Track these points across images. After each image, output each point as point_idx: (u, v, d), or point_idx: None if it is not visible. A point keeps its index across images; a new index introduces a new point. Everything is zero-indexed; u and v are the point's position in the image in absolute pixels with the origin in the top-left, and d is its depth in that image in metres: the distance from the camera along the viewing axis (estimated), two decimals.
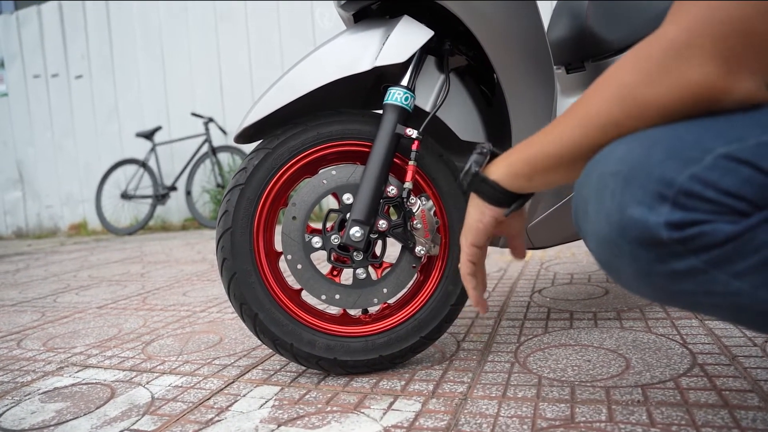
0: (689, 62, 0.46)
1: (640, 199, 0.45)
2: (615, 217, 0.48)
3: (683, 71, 0.46)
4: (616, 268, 0.51)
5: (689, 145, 0.45)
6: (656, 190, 0.44)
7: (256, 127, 1.08)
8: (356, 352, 1.05)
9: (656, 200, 0.44)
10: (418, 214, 1.02)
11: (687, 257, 0.44)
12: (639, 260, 0.47)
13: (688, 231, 0.43)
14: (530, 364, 1.06)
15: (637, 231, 0.46)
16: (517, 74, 1.06)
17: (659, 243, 0.45)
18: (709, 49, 0.45)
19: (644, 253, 0.46)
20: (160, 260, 3.11)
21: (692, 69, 0.46)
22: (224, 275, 1.03)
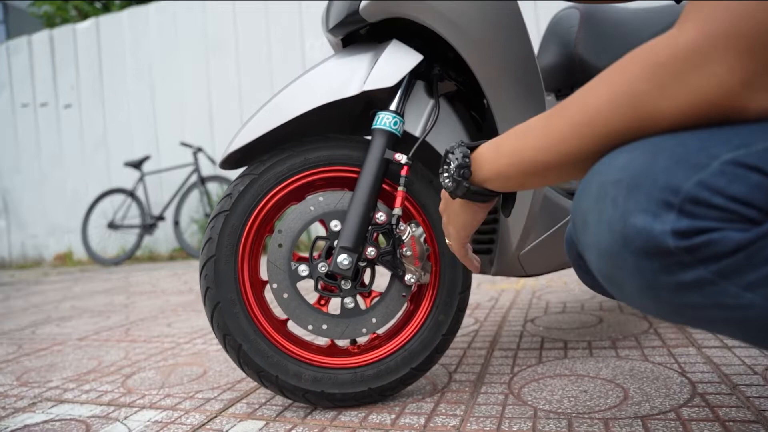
0: (708, 72, 0.44)
1: (645, 207, 0.43)
2: (617, 226, 0.45)
3: (701, 82, 0.44)
4: (619, 281, 0.48)
5: (695, 151, 0.43)
6: (661, 198, 0.42)
7: (243, 152, 1.06)
8: (344, 385, 1.01)
9: (662, 208, 0.42)
10: (408, 241, 1.00)
11: (695, 267, 0.42)
12: (643, 272, 0.44)
13: (696, 239, 0.41)
14: (525, 395, 1.02)
15: (641, 240, 0.43)
16: (507, 99, 1.06)
17: (665, 252, 0.42)
18: (732, 59, 0.42)
19: (649, 264, 0.43)
20: (145, 291, 3.04)
21: (711, 80, 0.44)
22: (207, 305, 0.99)
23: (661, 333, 1.35)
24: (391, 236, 1.01)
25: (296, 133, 1.08)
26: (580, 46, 1.48)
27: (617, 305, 1.72)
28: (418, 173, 1.08)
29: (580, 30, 1.49)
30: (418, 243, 1.00)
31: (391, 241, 1.01)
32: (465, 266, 1.08)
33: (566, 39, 1.51)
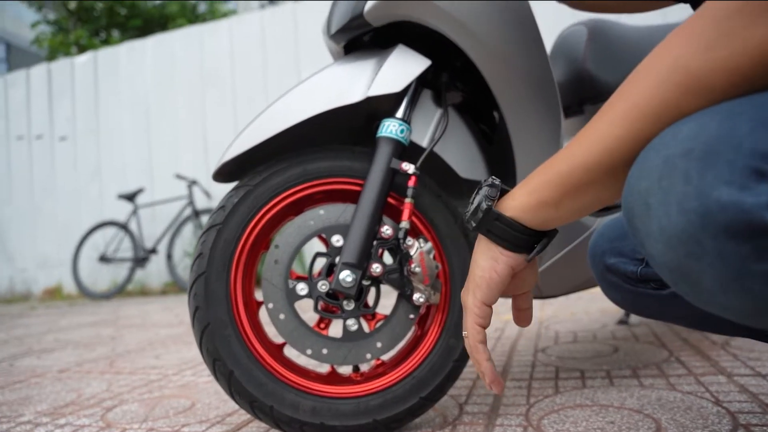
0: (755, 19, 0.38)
1: (728, 179, 0.35)
2: (692, 204, 0.37)
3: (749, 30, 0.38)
4: (694, 274, 0.40)
5: None
6: (750, 166, 0.35)
7: (238, 163, 0.99)
8: (346, 416, 0.91)
9: (751, 178, 0.35)
10: (416, 257, 0.92)
11: None
12: (729, 258, 0.36)
13: None
14: (545, 427, 0.92)
15: (726, 218, 0.35)
16: (521, 107, 1.00)
17: (760, 231, 0.34)
18: None
19: (736, 248, 0.36)
20: (134, 324, 2.92)
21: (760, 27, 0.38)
22: (196, 326, 0.90)
23: (685, 361, 1.26)
24: (398, 252, 0.93)
25: (294, 146, 1.01)
26: (589, 61, 1.44)
27: (632, 334, 1.63)
28: (426, 187, 1.01)
29: (588, 46, 1.45)
30: (426, 259, 0.92)
31: (397, 257, 0.93)
32: None
33: (574, 55, 1.47)
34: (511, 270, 0.59)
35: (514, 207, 0.58)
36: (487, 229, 0.59)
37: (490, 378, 0.59)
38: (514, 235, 0.58)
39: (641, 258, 0.78)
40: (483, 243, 0.60)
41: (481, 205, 0.59)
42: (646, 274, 0.76)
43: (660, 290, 0.77)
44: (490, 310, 0.60)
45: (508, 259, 0.58)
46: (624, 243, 0.80)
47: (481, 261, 0.60)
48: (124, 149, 5.78)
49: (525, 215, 0.57)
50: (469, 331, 0.60)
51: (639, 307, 0.83)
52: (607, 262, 0.81)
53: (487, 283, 0.59)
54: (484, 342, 0.60)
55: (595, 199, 0.54)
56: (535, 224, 0.57)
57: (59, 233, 5.98)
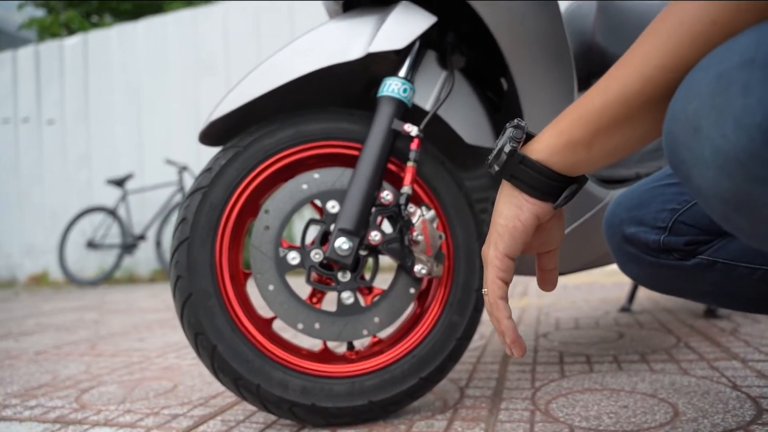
0: None
1: None
2: (755, 117, 0.31)
3: None
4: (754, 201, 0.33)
5: None
6: None
7: (226, 124, 0.91)
8: (340, 397, 0.84)
9: None
10: (419, 225, 0.85)
11: None
12: None
13: None
14: (554, 411, 0.86)
15: None
16: (534, 74, 0.93)
17: None
18: None
19: None
20: (120, 309, 2.83)
21: None
22: (177, 297, 0.82)
23: (695, 347, 1.20)
24: (399, 219, 0.86)
25: (287, 110, 0.93)
26: (598, 35, 1.37)
27: (635, 321, 1.57)
28: (428, 153, 0.94)
29: (597, 19, 1.38)
30: (429, 228, 0.85)
31: (398, 225, 0.86)
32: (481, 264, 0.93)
33: (583, 28, 1.40)
34: (537, 219, 0.52)
35: (541, 149, 0.51)
36: (510, 173, 0.52)
37: (511, 338, 0.52)
38: (540, 180, 0.51)
39: (663, 226, 0.71)
40: (506, 190, 0.54)
41: (505, 147, 0.52)
42: (669, 243, 0.70)
43: (683, 261, 0.70)
44: (513, 263, 0.53)
45: (534, 206, 0.52)
46: (645, 211, 0.74)
47: (504, 209, 0.53)
48: (114, 134, 5.66)
49: (553, 158, 0.50)
50: (489, 286, 0.54)
51: (659, 282, 0.76)
52: (626, 231, 0.74)
53: (510, 232, 0.52)
54: (505, 298, 0.53)
55: (630, 138, 0.47)
56: (564, 168, 0.50)
57: (46, 220, 5.85)
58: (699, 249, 0.69)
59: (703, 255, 0.69)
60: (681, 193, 0.72)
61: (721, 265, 0.68)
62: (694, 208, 0.71)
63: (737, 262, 0.68)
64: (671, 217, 0.71)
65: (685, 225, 0.70)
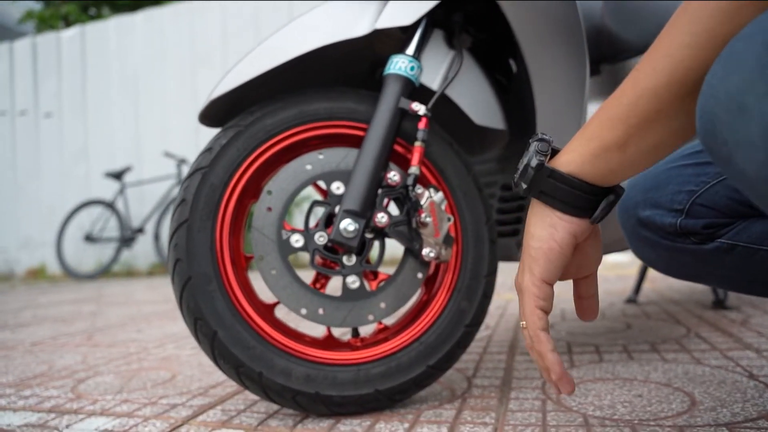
0: None
1: None
2: None
3: None
4: None
5: None
6: None
7: (227, 104, 0.88)
8: (345, 385, 0.81)
9: None
10: (427, 207, 0.82)
11: None
12: None
13: None
14: (567, 400, 0.83)
15: None
16: (546, 56, 0.90)
17: None
18: None
19: None
20: (118, 301, 2.80)
21: None
22: (176, 281, 0.79)
23: (706, 337, 1.18)
24: (406, 201, 0.82)
25: (290, 90, 0.90)
26: (608, 18, 1.34)
27: (642, 312, 1.54)
28: (436, 134, 0.91)
29: (606, 2, 1.35)
30: (438, 210, 0.82)
31: (405, 207, 0.83)
32: (491, 248, 0.90)
33: (591, 11, 1.36)
34: (574, 238, 0.48)
35: (571, 160, 0.47)
36: (540, 190, 0.48)
37: (557, 374, 0.47)
38: (573, 194, 0.47)
39: (680, 209, 0.68)
40: (537, 209, 0.49)
41: (531, 161, 0.48)
42: (686, 226, 0.67)
43: (701, 245, 0.67)
44: (552, 290, 0.49)
45: (568, 224, 0.48)
46: (660, 193, 0.71)
47: (537, 230, 0.49)
48: (112, 127, 5.61)
49: (585, 167, 0.46)
50: (528, 317, 0.49)
51: (675, 267, 0.73)
52: (641, 215, 0.71)
53: (546, 255, 0.48)
54: (547, 330, 0.48)
55: (666, 134, 0.44)
56: (598, 177, 0.46)
57: (43, 213, 5.81)
58: (718, 232, 0.66)
59: (722, 238, 0.66)
60: (699, 174, 0.69)
61: (741, 249, 0.65)
62: (712, 190, 0.68)
63: (759, 246, 0.65)
64: (688, 199, 0.68)
65: (703, 207, 0.66)
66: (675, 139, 0.44)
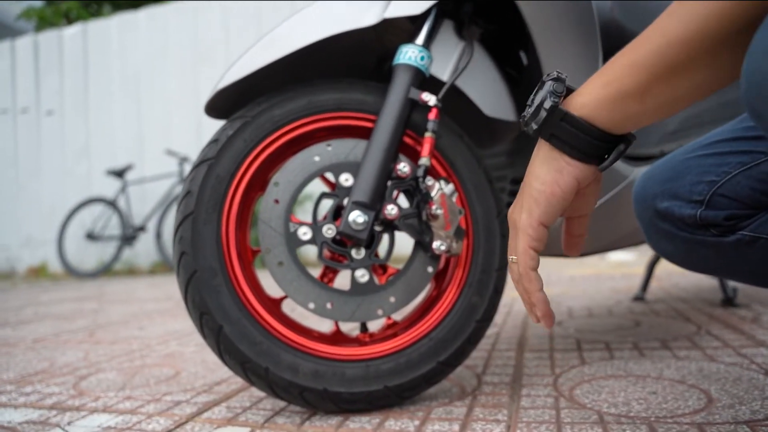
0: None
1: None
2: None
3: None
4: None
5: None
6: None
7: (233, 95, 0.87)
8: (353, 382, 0.79)
9: None
10: (437, 199, 0.80)
11: None
12: None
13: None
14: (580, 397, 0.81)
15: None
16: (559, 48, 0.89)
17: None
18: None
19: None
20: (119, 299, 2.79)
21: None
22: (181, 274, 0.78)
23: (717, 334, 1.16)
24: (416, 193, 0.81)
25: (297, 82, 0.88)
26: (617, 11, 1.32)
27: (650, 310, 1.52)
28: (446, 126, 0.89)
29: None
30: (449, 203, 0.81)
31: (415, 200, 0.81)
32: (502, 242, 0.88)
33: (601, 7, 1.35)
34: (577, 184, 0.48)
35: (585, 104, 0.46)
36: (550, 133, 0.47)
37: (542, 310, 0.49)
38: (584, 140, 0.46)
39: (700, 200, 0.66)
40: (544, 151, 0.48)
41: (545, 102, 0.47)
42: (707, 217, 0.65)
43: (722, 237, 0.65)
44: (547, 232, 0.49)
45: (575, 169, 0.47)
46: (679, 183, 0.69)
47: (541, 172, 0.48)
48: (113, 125, 5.60)
49: (600, 112, 0.45)
50: (520, 255, 0.49)
51: (695, 260, 0.71)
52: (659, 206, 0.69)
53: (548, 198, 0.47)
54: (536, 269, 0.49)
55: (689, 87, 0.42)
56: (611, 124, 0.45)
57: (44, 212, 5.80)
58: (740, 224, 0.64)
59: (744, 230, 0.64)
60: (720, 164, 0.67)
61: (764, 242, 0.63)
62: (734, 180, 0.66)
63: None
64: (709, 190, 0.66)
65: (724, 198, 0.65)
66: (695, 93, 0.43)
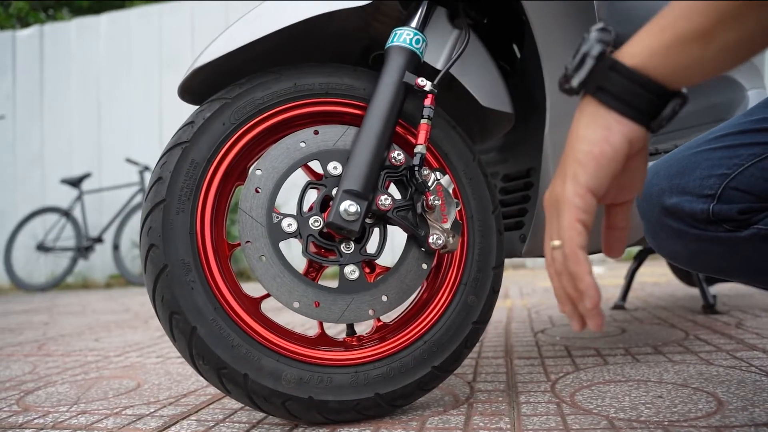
0: None
1: None
2: None
3: None
4: None
5: None
6: None
7: (211, 75, 0.79)
8: (342, 389, 0.71)
9: None
10: (434, 190, 0.74)
11: None
12: None
13: None
14: (583, 403, 0.76)
15: None
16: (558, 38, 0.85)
17: None
18: None
19: None
20: (73, 311, 2.61)
21: None
22: (149, 269, 0.69)
23: (706, 339, 1.13)
24: (410, 184, 0.75)
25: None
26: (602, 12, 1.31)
27: (633, 318, 1.50)
28: (439, 116, 0.84)
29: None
30: (446, 194, 0.75)
31: (409, 191, 0.75)
32: (499, 238, 0.83)
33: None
34: (629, 146, 0.41)
35: (638, 53, 0.40)
36: (598, 85, 0.41)
37: (593, 300, 0.40)
38: (635, 93, 0.40)
39: (711, 194, 0.62)
40: (590, 108, 0.42)
41: (592, 50, 0.42)
42: (720, 212, 0.61)
43: (735, 232, 0.62)
44: (596, 203, 0.42)
45: (625, 128, 0.41)
46: (688, 178, 0.65)
47: (587, 132, 0.42)
48: (70, 131, 5.35)
49: (655, 61, 0.40)
50: (565, 232, 0.41)
51: (702, 259, 0.67)
52: (667, 203, 0.65)
53: (597, 160, 0.41)
54: (585, 249, 0.41)
55: (755, 32, 0.37)
56: (667, 74, 0.40)
57: None
58: (754, 218, 0.61)
59: (758, 224, 0.61)
60: (730, 157, 0.64)
61: None
62: (747, 172, 0.62)
63: None
64: (721, 183, 0.62)
65: (737, 191, 0.61)
66: (763, 37, 0.38)
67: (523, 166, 1.00)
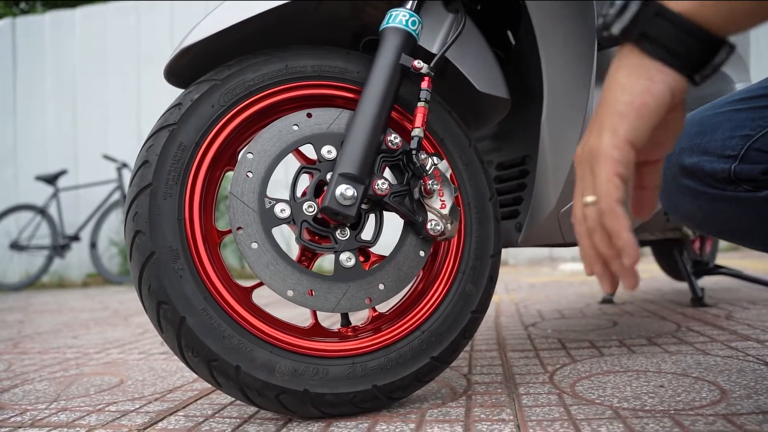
0: None
1: None
2: None
3: None
4: None
5: None
6: None
7: (198, 57, 0.76)
8: (338, 382, 0.69)
9: None
10: (432, 175, 0.72)
11: None
12: None
13: None
14: (584, 394, 0.74)
15: None
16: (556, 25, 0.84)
17: None
18: None
19: None
20: (49, 309, 2.53)
21: None
22: (135, 257, 0.65)
23: (699, 330, 1.13)
24: (407, 169, 0.72)
25: None
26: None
27: (622, 311, 1.50)
28: (434, 101, 0.82)
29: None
30: (444, 178, 0.73)
31: (406, 176, 0.73)
32: (496, 226, 0.81)
33: None
34: (671, 97, 0.39)
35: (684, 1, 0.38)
36: (641, 32, 0.39)
37: (632, 258, 0.38)
38: (682, 40, 0.38)
39: (734, 154, 0.61)
40: (631, 58, 0.40)
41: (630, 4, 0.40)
42: (742, 172, 0.60)
43: (756, 192, 0.60)
44: (634, 157, 0.39)
45: (668, 78, 0.39)
46: (710, 138, 0.64)
47: (629, 82, 0.39)
48: (45, 127, 5.21)
49: (704, 7, 0.37)
50: (602, 186, 0.39)
51: (717, 220, 0.66)
52: (686, 162, 0.64)
53: (638, 110, 0.39)
54: (623, 203, 0.39)
55: None
56: (716, 21, 0.38)
57: None
58: None
59: None
60: (755, 119, 0.63)
61: None
62: None
63: None
64: (744, 144, 0.61)
65: (760, 152, 0.60)
66: None
67: (518, 153, 0.98)
